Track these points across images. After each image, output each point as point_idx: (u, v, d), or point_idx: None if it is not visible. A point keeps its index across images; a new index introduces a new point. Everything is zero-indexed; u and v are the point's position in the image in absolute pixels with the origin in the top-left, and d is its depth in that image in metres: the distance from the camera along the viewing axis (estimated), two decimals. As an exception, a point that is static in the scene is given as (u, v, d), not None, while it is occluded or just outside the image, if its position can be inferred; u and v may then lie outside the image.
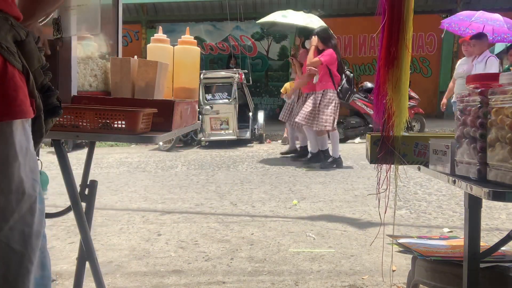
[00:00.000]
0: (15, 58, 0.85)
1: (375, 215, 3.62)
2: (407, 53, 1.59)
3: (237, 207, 4.08)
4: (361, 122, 8.71)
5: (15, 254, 0.85)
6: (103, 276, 1.82)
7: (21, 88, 0.85)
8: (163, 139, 1.62)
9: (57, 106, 0.99)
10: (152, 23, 12.83)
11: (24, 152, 0.86)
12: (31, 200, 0.87)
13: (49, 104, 0.97)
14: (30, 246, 0.87)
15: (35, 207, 0.88)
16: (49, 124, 1.00)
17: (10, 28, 0.85)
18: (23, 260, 0.86)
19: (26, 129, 0.88)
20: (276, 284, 2.41)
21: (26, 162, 0.87)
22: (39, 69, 0.94)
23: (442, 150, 1.40)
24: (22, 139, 0.86)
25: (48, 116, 0.98)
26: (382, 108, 1.64)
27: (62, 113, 1.02)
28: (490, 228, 3.29)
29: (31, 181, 0.88)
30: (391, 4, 1.58)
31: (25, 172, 0.86)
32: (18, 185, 0.85)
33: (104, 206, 4.15)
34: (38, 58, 0.93)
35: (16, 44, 0.87)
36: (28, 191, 0.86)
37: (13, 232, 0.84)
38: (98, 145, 8.17)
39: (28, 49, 0.90)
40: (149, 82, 1.73)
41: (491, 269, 1.62)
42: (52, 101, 0.98)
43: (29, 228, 0.87)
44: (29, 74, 0.89)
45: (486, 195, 1.10)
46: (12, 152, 0.84)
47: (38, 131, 0.94)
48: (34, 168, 0.89)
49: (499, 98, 1.14)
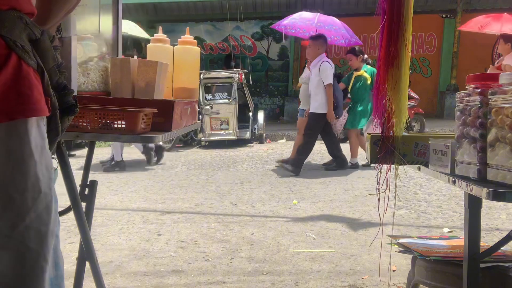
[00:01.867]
0: (29, 57, 0.85)
1: (375, 215, 3.61)
2: (406, 53, 1.59)
3: (237, 207, 4.08)
4: (361, 122, 8.70)
5: (30, 253, 0.84)
6: (103, 276, 1.82)
7: (35, 86, 0.85)
8: (163, 139, 1.62)
9: (73, 104, 0.99)
10: (152, 23, 12.81)
11: (40, 151, 0.86)
12: (47, 198, 0.87)
13: (65, 103, 0.97)
14: (45, 245, 0.86)
15: (51, 205, 0.88)
16: (65, 123, 1.00)
17: (25, 27, 0.85)
18: (39, 259, 0.85)
19: (41, 127, 0.88)
20: (276, 284, 2.41)
21: (42, 160, 0.87)
22: (54, 67, 0.94)
23: (442, 150, 1.40)
24: (37, 137, 0.86)
25: (64, 114, 0.98)
26: (382, 108, 1.64)
27: (78, 111, 1.02)
28: (490, 228, 3.29)
29: (47, 179, 0.87)
30: (391, 4, 1.58)
31: (41, 170, 0.86)
32: (34, 183, 0.84)
33: (104, 206, 4.15)
34: (53, 56, 0.93)
35: (31, 42, 0.87)
36: (44, 189, 0.86)
37: (29, 231, 0.84)
38: (98, 145, 8.16)
39: (43, 48, 0.90)
40: (149, 82, 1.73)
41: (491, 269, 1.61)
42: (68, 100, 0.98)
43: (46, 227, 0.87)
44: (44, 72, 0.89)
45: (486, 195, 1.10)
46: (27, 150, 0.83)
47: (53, 129, 0.94)
48: (49, 166, 0.89)
49: (499, 98, 1.14)
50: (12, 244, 0.82)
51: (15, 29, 0.83)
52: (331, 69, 5.66)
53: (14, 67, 0.81)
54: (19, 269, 0.83)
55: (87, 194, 1.81)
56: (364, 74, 6.03)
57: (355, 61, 6.10)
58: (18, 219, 0.83)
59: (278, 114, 13.10)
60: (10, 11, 0.83)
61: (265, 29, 13.07)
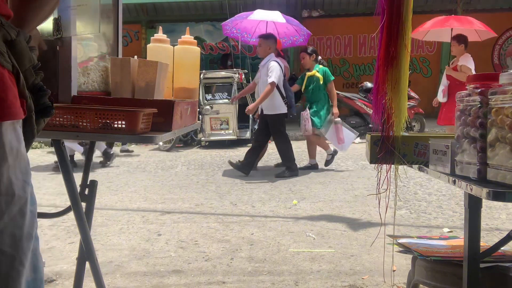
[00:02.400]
0: (4, 58, 0.84)
1: (375, 215, 3.62)
2: (406, 53, 1.59)
3: (237, 207, 4.08)
4: (361, 122, 8.71)
5: (5, 257, 0.83)
6: (103, 276, 1.82)
7: (10, 89, 0.83)
8: (163, 139, 1.62)
9: (49, 106, 0.98)
10: (152, 23, 12.81)
11: (15, 154, 0.85)
12: (21, 202, 0.86)
13: (41, 104, 0.96)
14: (21, 249, 0.86)
15: (25, 209, 0.87)
16: (40, 125, 0.99)
17: (0, 28, 0.84)
18: (14, 263, 0.84)
19: (17, 130, 0.87)
20: (276, 284, 2.41)
21: (16, 163, 0.86)
22: (30, 69, 0.93)
23: (442, 150, 1.40)
24: (13, 140, 0.85)
25: (40, 116, 0.97)
26: (382, 108, 1.64)
27: (54, 113, 1.01)
28: (490, 228, 3.29)
29: (21, 182, 0.87)
30: (391, 4, 1.58)
31: (15, 173, 0.85)
32: (8, 187, 0.83)
33: (104, 206, 4.15)
34: (29, 58, 0.92)
35: (6, 43, 0.86)
36: (18, 192, 0.85)
37: (2, 235, 0.83)
38: (98, 145, 8.16)
39: (19, 49, 0.89)
40: (149, 82, 1.73)
41: (491, 269, 1.61)
42: (44, 101, 0.97)
43: (20, 231, 0.86)
44: (19, 74, 0.87)
45: (486, 195, 1.10)
46: (1, 154, 0.83)
47: (29, 131, 0.93)
48: (25, 169, 0.88)
49: (499, 98, 1.14)
50: None
51: None
52: (279, 69, 5.53)
53: None
54: None
55: (87, 194, 1.82)
56: (316, 74, 5.97)
57: (308, 61, 6.03)
58: None
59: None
60: None
61: (265, 29, 13.06)
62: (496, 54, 12.44)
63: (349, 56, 13.07)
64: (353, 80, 13.03)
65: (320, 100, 6.00)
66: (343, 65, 13.09)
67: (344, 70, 13.09)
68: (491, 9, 12.19)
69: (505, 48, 12.29)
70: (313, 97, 6.02)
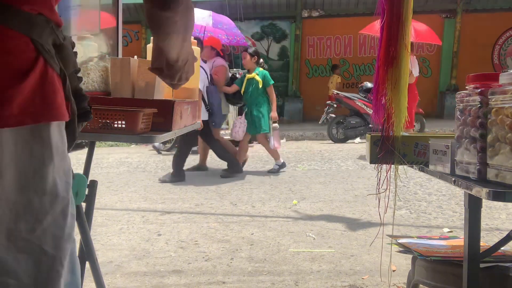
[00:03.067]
0: (54, 61, 0.86)
1: (375, 215, 3.61)
2: (406, 53, 1.59)
3: (237, 207, 4.08)
4: (361, 122, 8.71)
5: (47, 257, 0.84)
6: (103, 276, 1.82)
7: (59, 91, 0.85)
8: (163, 139, 1.62)
9: (88, 110, 1.00)
10: (152, 23, 12.81)
11: (60, 155, 0.87)
12: (64, 202, 0.87)
13: (81, 109, 0.98)
14: (61, 250, 0.86)
15: (67, 210, 0.88)
16: (79, 128, 1.01)
17: (51, 32, 0.86)
18: (54, 263, 0.85)
19: (62, 131, 0.89)
20: (276, 284, 2.41)
21: (61, 164, 0.87)
22: (74, 73, 0.95)
23: (442, 150, 1.40)
24: (59, 141, 0.86)
25: (80, 120, 0.98)
26: (381, 108, 1.64)
27: (92, 118, 1.03)
28: (490, 228, 3.29)
29: (64, 183, 0.88)
30: (390, 4, 1.58)
31: (59, 174, 0.86)
32: (52, 187, 0.84)
33: (104, 206, 4.15)
34: (74, 62, 0.94)
35: (55, 47, 0.88)
36: (61, 193, 0.86)
37: (46, 235, 0.84)
38: (98, 145, 8.16)
39: (66, 53, 0.91)
40: (149, 82, 1.73)
41: (491, 269, 1.61)
42: (84, 106, 0.99)
43: (61, 231, 0.86)
44: (66, 77, 0.89)
45: (486, 195, 1.10)
46: (48, 154, 0.84)
47: (71, 134, 0.94)
48: (67, 170, 0.90)
49: (499, 98, 1.14)
50: (30, 247, 0.82)
51: (43, 33, 0.84)
52: (202, 74, 5.37)
53: (41, 71, 0.82)
54: (35, 273, 0.83)
55: (87, 194, 1.81)
56: (256, 77, 5.86)
57: (249, 62, 5.91)
58: (36, 222, 0.83)
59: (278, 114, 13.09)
60: (40, 16, 0.84)
61: (265, 29, 13.08)
62: (496, 54, 12.45)
63: (349, 56, 13.08)
64: (353, 80, 13.04)
65: (260, 103, 5.91)
66: (343, 65, 13.10)
67: (344, 70, 13.10)
68: (491, 9, 12.20)
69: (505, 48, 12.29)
70: (252, 101, 5.91)
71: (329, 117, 8.89)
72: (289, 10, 12.84)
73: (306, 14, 12.76)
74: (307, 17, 12.79)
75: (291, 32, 12.96)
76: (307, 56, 13.18)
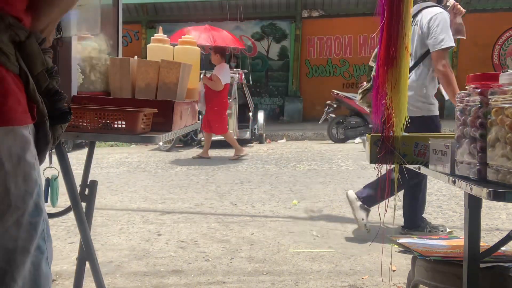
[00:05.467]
0: (9, 60, 0.80)
1: (375, 215, 3.61)
2: (406, 53, 1.59)
3: (237, 207, 4.08)
4: (361, 122, 8.72)
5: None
6: (103, 276, 1.82)
7: (12, 93, 0.79)
8: (163, 139, 1.62)
9: (65, 111, 0.93)
10: (152, 23, 12.82)
11: (16, 161, 0.80)
12: (18, 212, 0.81)
13: (57, 110, 0.91)
14: (13, 263, 0.80)
15: (22, 220, 0.81)
16: (58, 131, 0.94)
17: (6, 28, 0.80)
18: (5, 278, 0.79)
19: (22, 136, 0.82)
20: (276, 284, 2.41)
21: (17, 171, 0.81)
22: (43, 72, 0.88)
23: (442, 150, 1.40)
24: (14, 146, 0.80)
25: (56, 122, 0.92)
26: (381, 108, 1.64)
27: (71, 118, 0.96)
28: (490, 228, 3.29)
29: (21, 192, 0.81)
30: (391, 4, 1.58)
31: (14, 182, 0.80)
32: (3, 196, 0.79)
33: (104, 206, 4.15)
34: (42, 61, 0.88)
35: (15, 45, 0.82)
36: (15, 203, 0.80)
37: None
38: (98, 145, 8.16)
39: (29, 51, 0.85)
40: (149, 82, 1.73)
41: (491, 269, 1.61)
42: (60, 106, 0.92)
43: (14, 243, 0.80)
44: (28, 77, 0.84)
45: (486, 195, 1.10)
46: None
47: (42, 138, 0.88)
48: (28, 178, 0.83)
49: (499, 98, 1.14)
50: None
51: None
52: None
53: None
54: None
55: (87, 194, 1.82)
56: None
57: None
58: None
59: (278, 114, 13.10)
60: None
61: (265, 29, 13.07)
62: (496, 54, 12.44)
63: (349, 56, 13.07)
64: (353, 80, 13.03)
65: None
66: (343, 65, 13.09)
67: (344, 70, 13.09)
68: (491, 9, 12.19)
69: (505, 48, 12.29)
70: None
71: (329, 117, 8.89)
72: (289, 10, 12.82)
73: (306, 14, 12.75)
74: (307, 17, 12.78)
75: (291, 32, 12.95)
76: (307, 56, 13.17)
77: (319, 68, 13.25)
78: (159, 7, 12.96)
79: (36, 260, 0.84)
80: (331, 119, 8.86)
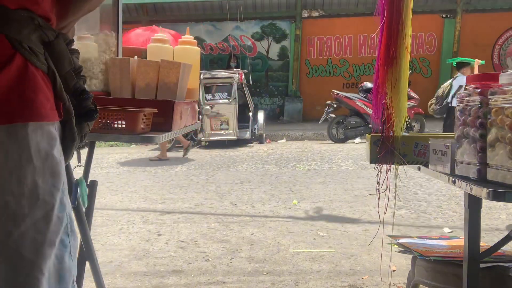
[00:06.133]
0: (38, 59, 0.82)
1: (375, 215, 3.61)
2: (406, 53, 1.59)
3: (237, 207, 4.08)
4: (361, 122, 8.72)
5: (24, 262, 0.81)
6: (103, 276, 1.82)
7: (41, 90, 0.82)
8: (163, 139, 1.62)
9: (92, 110, 0.96)
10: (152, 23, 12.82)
11: (44, 157, 0.83)
12: (47, 207, 0.83)
13: (83, 108, 0.94)
14: (41, 255, 0.82)
15: (51, 214, 0.84)
16: (84, 129, 0.97)
17: (36, 28, 0.83)
18: (33, 269, 0.81)
19: (49, 132, 0.84)
20: (276, 284, 2.41)
21: (46, 166, 0.83)
22: (71, 72, 0.91)
23: (442, 150, 1.40)
24: (42, 142, 0.82)
25: (83, 120, 0.95)
26: (381, 108, 1.64)
27: (97, 116, 0.99)
28: (490, 228, 3.29)
29: (49, 186, 0.83)
30: (390, 4, 1.58)
31: (42, 177, 0.82)
32: (32, 190, 0.81)
33: (104, 206, 4.15)
34: (69, 60, 0.91)
35: (44, 45, 0.85)
36: (43, 197, 0.82)
37: (24, 239, 0.80)
38: (98, 145, 8.16)
39: (57, 51, 0.87)
40: (149, 82, 1.73)
41: (491, 269, 1.61)
42: (86, 105, 0.95)
43: (42, 236, 0.82)
44: (55, 76, 0.86)
45: (486, 195, 1.10)
46: (26, 155, 0.80)
47: (68, 135, 0.91)
48: (55, 173, 0.85)
49: (499, 98, 1.14)
50: (6, 252, 0.79)
51: (23, 30, 0.80)
52: None
53: (18, 68, 0.79)
54: (12, 280, 0.80)
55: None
56: None
57: None
58: (13, 225, 0.79)
59: (278, 114, 13.11)
60: (20, 11, 0.80)
61: (265, 29, 13.08)
62: (496, 54, 12.44)
63: (349, 56, 13.07)
64: (353, 80, 13.03)
65: None
66: (343, 65, 13.09)
67: (344, 70, 13.10)
68: (491, 9, 12.19)
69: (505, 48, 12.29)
70: None
71: (329, 117, 8.89)
72: (289, 10, 12.83)
73: (306, 14, 12.75)
74: (307, 17, 12.79)
75: (291, 32, 12.96)
76: (307, 56, 13.17)
77: (319, 68, 13.26)
78: (159, 7, 12.96)
79: (60, 253, 0.86)
80: (331, 119, 8.86)
